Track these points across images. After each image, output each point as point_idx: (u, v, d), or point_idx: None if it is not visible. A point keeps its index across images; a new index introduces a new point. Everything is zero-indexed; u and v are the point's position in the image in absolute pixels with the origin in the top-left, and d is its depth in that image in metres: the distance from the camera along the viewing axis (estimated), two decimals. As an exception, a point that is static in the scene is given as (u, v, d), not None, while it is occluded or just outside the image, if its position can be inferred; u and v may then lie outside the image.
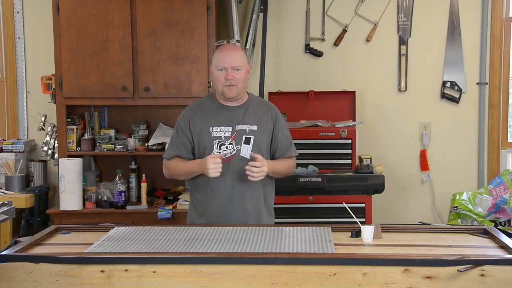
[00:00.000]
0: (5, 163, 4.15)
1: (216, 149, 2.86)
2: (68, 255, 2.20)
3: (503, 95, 4.44)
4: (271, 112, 2.98)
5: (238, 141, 2.87)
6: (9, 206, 2.94)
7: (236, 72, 2.84)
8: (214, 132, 2.88)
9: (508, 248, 2.25)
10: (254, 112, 2.94)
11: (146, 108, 4.28)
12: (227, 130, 2.88)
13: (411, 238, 2.48)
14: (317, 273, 2.10)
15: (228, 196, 2.86)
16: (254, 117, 2.92)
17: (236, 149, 2.86)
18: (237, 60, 2.84)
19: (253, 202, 2.89)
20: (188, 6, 3.93)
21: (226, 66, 2.83)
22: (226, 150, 2.86)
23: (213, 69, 2.90)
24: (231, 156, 2.86)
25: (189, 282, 2.12)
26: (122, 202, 3.98)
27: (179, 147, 2.93)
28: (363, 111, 4.39)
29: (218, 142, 2.86)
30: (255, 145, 2.87)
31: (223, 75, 2.84)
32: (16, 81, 4.50)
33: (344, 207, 2.64)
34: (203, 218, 2.92)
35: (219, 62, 2.85)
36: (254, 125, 2.91)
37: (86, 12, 3.95)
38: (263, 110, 2.97)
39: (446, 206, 4.31)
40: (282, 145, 2.97)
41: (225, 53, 2.86)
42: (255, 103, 2.98)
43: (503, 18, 4.41)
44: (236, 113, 2.91)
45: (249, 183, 2.83)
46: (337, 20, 4.44)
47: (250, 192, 2.87)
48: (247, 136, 2.88)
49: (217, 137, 2.87)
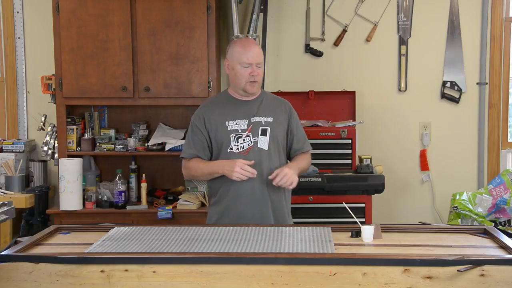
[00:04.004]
0: (5, 163, 4.15)
1: (233, 142, 2.86)
2: (68, 255, 2.19)
3: (503, 95, 4.44)
4: (285, 106, 3.00)
5: (255, 133, 2.88)
6: (9, 206, 2.94)
7: (259, 68, 2.87)
8: (230, 125, 2.88)
9: (508, 248, 2.25)
10: (268, 105, 2.96)
11: (146, 108, 4.28)
12: (243, 123, 2.89)
13: (411, 238, 2.48)
14: (317, 273, 2.10)
15: (249, 188, 2.84)
16: (269, 110, 2.94)
17: (253, 141, 2.87)
18: (260, 56, 2.88)
19: (273, 194, 2.88)
20: (188, 6, 3.93)
21: (251, 62, 2.84)
22: (243, 143, 2.86)
23: (234, 64, 2.88)
24: (248, 148, 2.86)
25: (189, 282, 2.12)
26: (122, 202, 3.98)
27: (197, 145, 2.92)
28: (363, 111, 4.39)
29: (235, 135, 2.86)
30: (271, 136, 2.89)
31: (247, 71, 2.85)
32: (16, 81, 4.50)
33: (344, 207, 2.64)
34: (221, 210, 2.91)
35: (244, 58, 2.85)
36: (270, 117, 2.92)
37: (86, 12, 3.95)
38: (277, 104, 2.99)
39: (446, 206, 4.31)
40: (298, 140, 3.00)
41: (249, 49, 2.86)
42: (269, 97, 3.02)
43: (503, 18, 4.41)
44: (250, 106, 2.93)
45: (268, 174, 2.83)
46: (337, 20, 4.44)
47: (270, 182, 2.86)
48: (263, 128, 2.89)
49: (233, 130, 2.87)
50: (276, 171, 2.82)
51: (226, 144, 2.87)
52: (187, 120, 4.28)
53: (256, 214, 2.85)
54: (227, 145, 2.87)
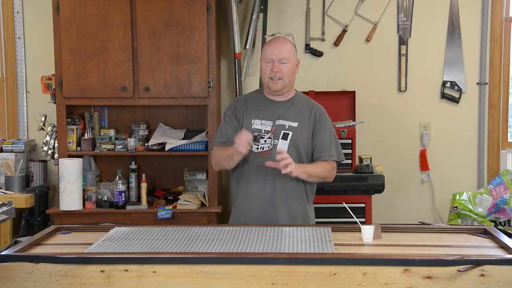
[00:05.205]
0: (5, 163, 4.15)
1: (255, 142, 2.83)
2: (68, 255, 2.19)
3: (503, 95, 4.44)
4: (315, 111, 2.93)
5: (276, 136, 2.85)
6: (9, 206, 2.94)
7: (283, 65, 2.83)
8: (255, 124, 2.88)
9: (508, 248, 2.25)
10: (298, 109, 2.91)
11: (146, 108, 4.28)
12: (267, 124, 2.87)
13: (411, 238, 2.48)
14: (317, 273, 2.10)
15: (260, 189, 2.84)
16: (297, 114, 2.90)
17: (273, 144, 2.85)
18: (284, 52, 2.83)
19: (285, 197, 2.85)
20: (188, 6, 3.93)
21: (273, 58, 2.82)
22: (264, 144, 2.85)
23: (261, 60, 2.89)
24: (268, 150, 2.85)
25: (189, 282, 2.12)
26: (122, 202, 3.98)
27: (228, 132, 2.90)
28: (363, 111, 4.38)
29: (258, 135, 2.85)
30: (292, 141, 2.85)
31: (269, 67, 2.83)
32: (16, 81, 4.49)
33: (344, 207, 2.64)
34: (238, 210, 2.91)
35: (266, 54, 2.84)
36: (295, 122, 2.88)
37: (86, 12, 3.95)
38: (307, 109, 2.93)
39: (446, 206, 4.31)
40: (321, 146, 2.89)
41: (273, 46, 2.85)
42: (301, 101, 2.96)
43: (503, 18, 4.41)
44: (279, 108, 2.90)
45: (281, 178, 2.80)
46: (337, 20, 4.44)
47: (281, 186, 2.84)
48: (285, 132, 2.86)
49: (257, 130, 2.86)
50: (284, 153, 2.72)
51: None
52: (187, 120, 4.32)
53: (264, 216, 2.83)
54: None
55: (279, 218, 2.84)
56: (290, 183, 2.85)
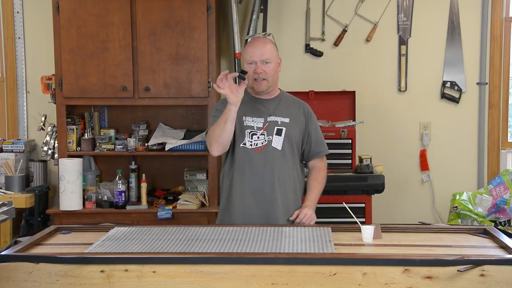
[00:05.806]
0: (5, 163, 4.15)
1: (247, 138, 2.86)
2: (68, 255, 2.19)
3: (503, 95, 4.45)
4: (303, 107, 2.99)
5: (270, 132, 2.88)
6: (9, 206, 2.94)
7: (266, 65, 2.85)
8: (246, 121, 2.89)
9: (508, 248, 2.25)
10: (286, 105, 2.96)
11: (146, 108, 4.28)
12: (259, 121, 2.89)
13: (411, 238, 2.48)
14: (317, 273, 2.10)
15: (259, 186, 2.85)
16: (287, 110, 2.93)
17: (267, 140, 2.87)
18: (266, 53, 2.84)
19: (283, 192, 2.88)
20: (188, 6, 3.93)
21: (255, 59, 2.83)
22: (257, 140, 2.86)
23: (244, 63, 2.90)
24: (262, 147, 2.86)
25: (189, 282, 2.12)
26: (122, 202, 3.98)
27: None
28: (363, 111, 4.38)
29: (250, 132, 2.87)
30: (286, 137, 2.88)
31: (252, 69, 2.84)
32: (16, 81, 4.50)
33: (344, 207, 2.64)
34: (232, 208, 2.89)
35: (248, 55, 2.85)
36: (287, 117, 2.91)
37: (86, 12, 3.95)
38: (295, 105, 2.99)
39: (446, 206, 4.31)
40: (317, 142, 2.99)
41: (254, 47, 2.86)
42: (288, 98, 3.01)
43: (503, 18, 4.41)
44: (268, 105, 2.93)
45: (279, 174, 2.85)
46: (337, 20, 4.44)
47: (279, 182, 2.86)
48: (279, 128, 2.88)
49: (249, 127, 2.88)
50: (296, 213, 2.86)
51: (240, 139, 2.86)
52: (187, 120, 4.31)
53: (263, 214, 2.84)
54: (241, 140, 2.86)
55: (278, 213, 2.85)
56: (287, 179, 2.89)
